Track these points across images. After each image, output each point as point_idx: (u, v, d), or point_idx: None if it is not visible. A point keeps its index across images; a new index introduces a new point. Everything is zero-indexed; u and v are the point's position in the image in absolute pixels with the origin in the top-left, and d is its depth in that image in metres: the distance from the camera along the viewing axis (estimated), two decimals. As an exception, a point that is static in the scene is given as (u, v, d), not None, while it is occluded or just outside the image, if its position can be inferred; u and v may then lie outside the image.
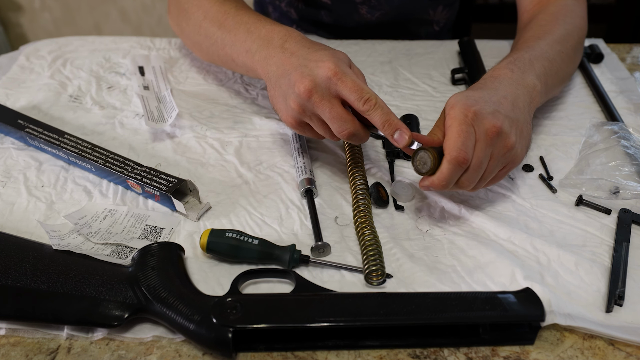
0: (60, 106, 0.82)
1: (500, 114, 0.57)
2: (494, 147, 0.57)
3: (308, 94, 0.58)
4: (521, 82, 0.64)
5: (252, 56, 0.67)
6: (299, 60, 0.61)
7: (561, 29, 0.75)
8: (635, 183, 0.64)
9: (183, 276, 0.53)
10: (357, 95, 0.57)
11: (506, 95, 0.61)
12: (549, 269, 0.55)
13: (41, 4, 2.10)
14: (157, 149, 0.73)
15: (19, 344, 0.50)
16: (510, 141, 0.57)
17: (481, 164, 0.56)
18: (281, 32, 0.65)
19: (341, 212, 0.63)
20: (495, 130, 0.56)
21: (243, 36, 0.69)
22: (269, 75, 0.64)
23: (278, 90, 0.63)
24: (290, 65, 0.61)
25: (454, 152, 0.54)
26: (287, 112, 0.62)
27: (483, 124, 0.56)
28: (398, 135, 0.57)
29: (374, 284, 0.54)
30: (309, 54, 0.61)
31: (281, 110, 0.63)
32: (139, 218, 0.62)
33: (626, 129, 0.72)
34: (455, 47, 0.95)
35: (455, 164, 0.54)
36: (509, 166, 0.60)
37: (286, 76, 0.61)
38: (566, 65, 0.75)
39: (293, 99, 0.60)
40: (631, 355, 0.49)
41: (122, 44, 0.96)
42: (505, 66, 0.66)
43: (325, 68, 0.58)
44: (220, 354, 0.49)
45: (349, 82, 0.58)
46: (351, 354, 0.49)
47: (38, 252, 0.55)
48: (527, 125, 0.62)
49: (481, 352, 0.49)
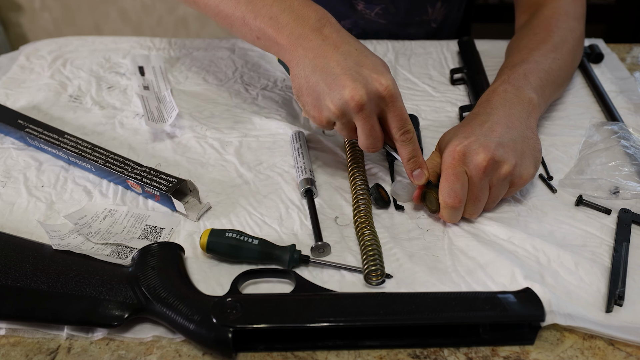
0: (60, 106, 0.82)
1: (490, 143, 0.58)
2: (491, 177, 0.58)
3: (358, 107, 0.56)
4: (515, 100, 0.64)
5: (277, 26, 0.60)
6: (348, 61, 0.56)
7: (554, 36, 0.75)
8: (635, 183, 0.64)
9: (183, 276, 0.53)
10: (401, 124, 0.58)
11: (499, 119, 0.61)
12: (549, 269, 0.55)
13: (41, 4, 2.10)
14: (157, 149, 0.73)
15: (19, 344, 0.51)
16: (506, 166, 0.58)
17: (478, 197, 0.58)
18: (318, 11, 0.60)
19: (341, 212, 0.63)
20: (485, 162, 0.57)
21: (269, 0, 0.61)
22: (299, 59, 0.59)
23: (311, 82, 0.58)
24: (336, 64, 0.56)
25: (444, 198, 0.57)
26: (319, 110, 0.58)
27: (472, 161, 0.57)
28: (418, 173, 0.59)
29: (374, 284, 0.54)
30: (359, 56, 0.57)
31: (309, 105, 0.59)
32: (139, 218, 0.62)
33: (626, 129, 0.72)
34: (455, 47, 0.95)
35: (448, 208, 0.58)
36: (515, 186, 0.61)
37: (330, 74, 0.56)
38: (564, 71, 0.75)
39: (335, 102, 0.56)
40: (631, 355, 0.49)
41: (122, 44, 0.96)
42: (499, 86, 0.67)
43: (382, 85, 0.56)
44: (220, 354, 0.49)
45: (398, 109, 0.57)
46: (351, 354, 0.49)
47: (38, 252, 0.55)
48: (528, 140, 0.62)
49: (481, 352, 0.49)
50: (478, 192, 0.58)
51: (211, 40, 0.98)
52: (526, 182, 0.61)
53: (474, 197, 0.58)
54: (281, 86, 0.86)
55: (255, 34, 0.63)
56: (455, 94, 0.84)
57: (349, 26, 1.01)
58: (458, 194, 0.57)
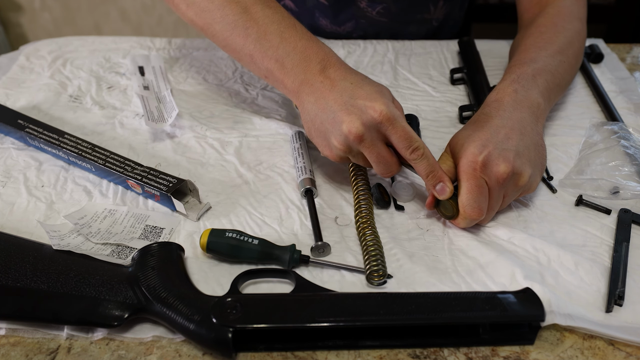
0: (60, 106, 0.82)
1: (509, 153, 0.58)
2: (507, 187, 0.59)
3: (358, 139, 0.57)
4: (525, 103, 0.64)
5: (283, 70, 0.63)
6: (343, 97, 0.58)
7: (562, 37, 0.74)
8: (635, 183, 0.64)
9: (183, 276, 0.53)
10: (406, 144, 0.57)
11: (513, 125, 0.61)
12: (549, 269, 0.55)
13: (41, 4, 2.10)
14: (157, 149, 0.73)
15: (19, 344, 0.51)
16: (523, 177, 0.58)
17: (494, 207, 0.59)
18: (319, 52, 0.62)
19: (341, 212, 0.63)
20: (506, 175, 0.57)
21: (275, 40, 0.63)
22: (304, 104, 0.61)
23: (317, 124, 0.60)
24: (334, 102, 0.58)
25: (468, 210, 0.57)
26: (329, 149, 0.61)
27: (493, 172, 0.57)
28: (440, 188, 0.58)
29: (375, 284, 0.54)
30: (354, 89, 0.59)
31: (321, 146, 0.62)
32: (139, 218, 0.62)
33: (626, 129, 0.72)
34: (455, 47, 0.95)
35: (470, 219, 0.58)
36: (524, 193, 0.62)
37: (330, 113, 0.58)
38: (568, 74, 0.75)
39: (339, 140, 0.58)
40: (631, 355, 0.49)
41: (122, 44, 0.96)
42: (509, 85, 0.66)
43: (376, 112, 0.56)
44: (220, 354, 0.49)
45: (400, 130, 0.57)
46: (351, 354, 0.49)
47: (38, 252, 0.55)
48: (538, 147, 0.62)
49: (481, 352, 0.49)
50: (494, 202, 0.59)
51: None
52: (533, 190, 0.62)
53: (491, 206, 0.59)
54: (281, 86, 0.86)
55: (263, 73, 0.66)
56: (455, 94, 0.84)
57: (350, 28, 1.01)
58: (482, 207, 0.57)
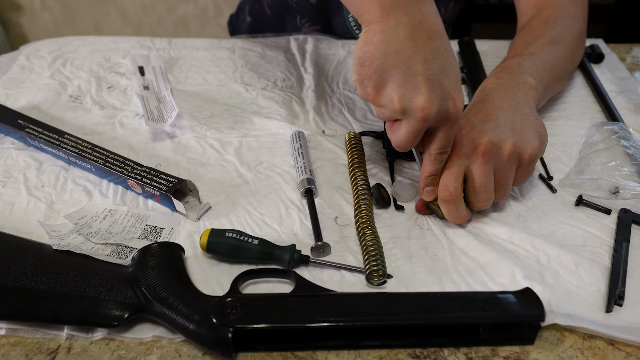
0: (60, 106, 0.82)
1: (487, 127, 0.57)
2: (494, 162, 0.57)
3: (423, 119, 0.52)
4: (510, 84, 0.64)
5: None
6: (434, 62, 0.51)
7: (551, 32, 0.75)
8: (635, 183, 0.64)
9: (183, 276, 0.53)
10: (444, 144, 0.55)
11: (493, 104, 0.61)
12: (549, 269, 0.55)
13: (41, 4, 2.10)
14: (157, 149, 0.73)
15: (19, 344, 0.51)
16: (507, 146, 0.57)
17: (485, 184, 0.57)
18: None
19: (341, 212, 0.63)
20: (484, 147, 0.56)
21: None
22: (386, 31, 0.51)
23: (387, 62, 0.51)
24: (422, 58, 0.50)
25: (439, 193, 0.58)
26: (379, 92, 0.53)
27: (472, 148, 0.57)
28: (430, 190, 0.59)
29: (375, 284, 0.54)
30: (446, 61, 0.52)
31: (368, 78, 0.53)
32: (139, 218, 0.62)
33: (626, 129, 0.72)
34: (455, 47, 0.95)
35: (444, 202, 0.58)
36: (523, 164, 0.58)
37: (412, 67, 0.51)
38: (562, 62, 0.74)
39: (401, 100, 0.51)
40: (631, 355, 0.49)
41: (122, 44, 0.96)
42: (493, 75, 0.67)
43: (454, 108, 0.52)
44: (220, 354, 0.49)
45: (452, 131, 0.55)
46: (351, 354, 0.49)
47: (38, 252, 0.55)
48: (528, 117, 0.60)
49: (481, 352, 0.49)
50: (484, 180, 0.56)
51: (211, 40, 0.98)
52: (533, 156, 0.58)
53: (480, 185, 0.57)
54: (281, 86, 0.86)
55: None
56: (455, 94, 0.84)
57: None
58: (449, 187, 0.56)
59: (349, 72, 0.89)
